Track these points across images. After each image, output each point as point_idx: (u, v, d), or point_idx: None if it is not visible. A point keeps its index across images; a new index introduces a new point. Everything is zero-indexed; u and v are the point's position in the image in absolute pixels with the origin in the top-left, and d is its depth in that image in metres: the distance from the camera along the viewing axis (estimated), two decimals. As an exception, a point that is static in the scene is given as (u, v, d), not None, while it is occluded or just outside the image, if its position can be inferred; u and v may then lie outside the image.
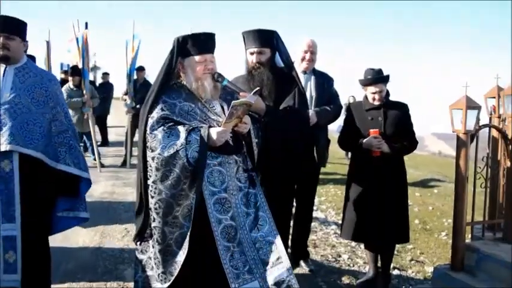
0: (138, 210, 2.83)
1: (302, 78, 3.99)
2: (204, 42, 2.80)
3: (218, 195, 2.70)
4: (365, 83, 3.83)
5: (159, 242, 2.70)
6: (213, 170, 2.72)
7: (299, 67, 4.11)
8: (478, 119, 3.60)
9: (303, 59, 4.14)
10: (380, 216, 3.71)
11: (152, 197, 2.69)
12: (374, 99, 3.79)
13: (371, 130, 3.73)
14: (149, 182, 2.70)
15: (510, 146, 3.83)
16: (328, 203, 7.38)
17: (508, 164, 3.85)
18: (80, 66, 8.48)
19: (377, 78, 3.76)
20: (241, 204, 2.76)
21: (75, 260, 4.33)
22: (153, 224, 2.72)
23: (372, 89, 3.78)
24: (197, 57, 2.76)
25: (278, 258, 2.68)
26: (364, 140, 3.71)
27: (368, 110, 3.84)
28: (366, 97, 3.89)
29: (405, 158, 3.98)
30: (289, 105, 3.26)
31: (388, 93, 3.90)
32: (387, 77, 3.81)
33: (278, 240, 2.73)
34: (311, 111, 3.87)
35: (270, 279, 2.63)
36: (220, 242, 2.65)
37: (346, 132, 3.99)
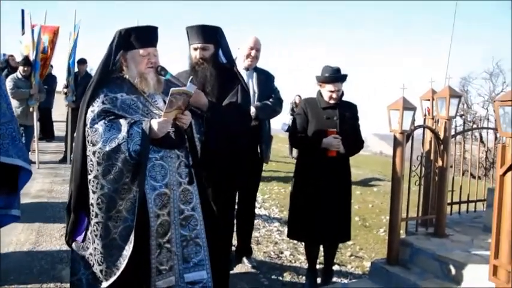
0: (73, 208, 2.75)
1: (244, 74, 4.04)
2: (147, 36, 2.76)
3: (159, 190, 2.69)
4: (323, 81, 3.76)
5: (103, 237, 2.64)
6: (154, 164, 2.70)
7: (243, 63, 4.15)
8: (413, 120, 3.78)
9: (247, 56, 4.18)
10: (328, 216, 3.75)
11: (94, 192, 2.62)
12: (331, 97, 3.74)
13: (329, 130, 3.70)
14: (90, 177, 2.62)
15: (442, 146, 4.05)
16: (272, 200, 7.48)
17: (440, 162, 4.07)
18: (32, 58, 8.08)
19: (336, 76, 3.72)
20: (179, 200, 2.78)
21: (8, 260, 4.08)
22: (94, 220, 2.65)
23: (330, 87, 3.71)
24: (140, 51, 2.73)
25: (201, 261, 2.80)
26: (324, 140, 3.65)
27: (324, 108, 3.78)
28: (320, 95, 3.83)
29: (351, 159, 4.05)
30: (232, 101, 3.28)
31: (343, 93, 3.87)
32: (345, 76, 3.77)
33: (205, 245, 2.84)
34: (251, 106, 3.90)
35: (188, 277, 2.74)
36: (154, 238, 2.66)
37: (298, 128, 3.87)
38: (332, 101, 3.76)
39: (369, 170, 12.24)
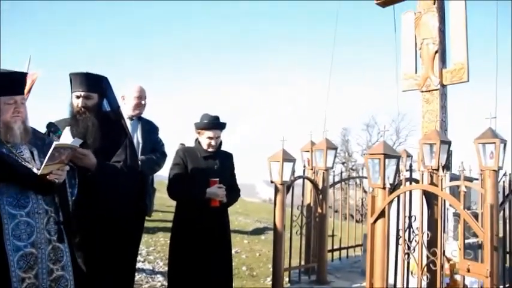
0: None
1: (129, 124, 3.89)
2: (13, 83, 2.54)
3: (24, 250, 2.42)
4: (202, 127, 3.69)
5: None
6: (19, 221, 2.42)
7: (128, 113, 4.01)
8: (293, 171, 3.92)
9: (133, 105, 4.05)
10: (209, 268, 3.63)
11: None
12: (209, 145, 3.67)
13: (212, 179, 3.61)
14: None
15: (321, 196, 4.24)
16: (157, 253, 7.16)
17: (319, 212, 4.24)
18: None
19: (215, 123, 3.70)
20: (48, 260, 2.52)
21: None
22: None
23: (209, 133, 3.64)
24: (4, 98, 2.50)
25: None
26: (209, 189, 3.57)
27: (204, 157, 3.70)
28: (199, 142, 3.75)
29: (236, 205, 4.03)
30: (121, 159, 3.12)
31: (221, 142, 3.83)
32: (224, 124, 3.80)
33: None
34: None
35: None
36: None
37: (177, 178, 3.70)
38: (211, 149, 3.67)
39: (257, 218, 12.38)
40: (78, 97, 3.13)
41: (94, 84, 3.15)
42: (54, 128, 2.60)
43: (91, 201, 2.82)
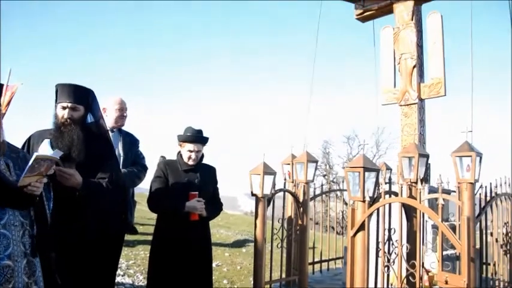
0: None
1: (111, 136, 3.87)
2: None
3: (1, 262, 2.37)
4: (184, 140, 3.68)
5: None
6: None
7: (110, 125, 3.99)
8: (274, 184, 3.93)
9: (116, 117, 4.03)
10: (189, 282, 3.60)
11: None
12: (190, 158, 3.65)
13: (191, 193, 3.59)
14: None
15: (301, 209, 4.25)
16: (137, 266, 7.05)
17: (300, 224, 4.25)
18: None
19: (197, 137, 3.66)
20: (23, 273, 2.47)
21: None
22: None
23: (190, 146, 3.63)
24: None
25: None
26: (188, 203, 3.54)
27: (185, 171, 3.67)
28: (181, 156, 3.73)
29: (218, 218, 4.00)
30: (106, 176, 3.09)
31: (203, 156, 3.83)
32: (207, 138, 3.73)
33: None
34: None
35: None
36: None
37: (158, 191, 3.67)
38: (191, 162, 3.65)
39: (238, 231, 12.33)
40: (64, 108, 3.08)
41: (81, 96, 3.12)
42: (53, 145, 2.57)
43: (74, 217, 2.79)
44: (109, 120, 4.01)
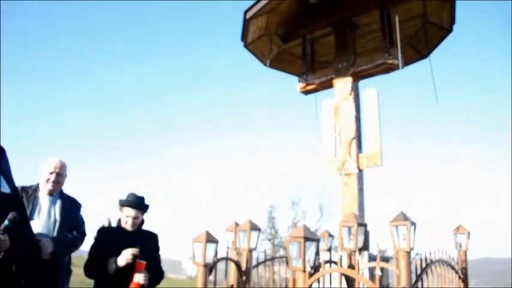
0: None
1: (47, 200, 3.71)
2: None
3: None
4: (123, 204, 3.62)
5: None
6: None
7: (43, 188, 3.85)
8: (216, 252, 3.90)
9: (47, 180, 3.89)
10: None
11: None
12: (126, 223, 3.61)
13: (138, 261, 3.43)
14: None
15: (244, 277, 4.22)
16: None
17: (242, 293, 4.20)
18: None
19: (137, 203, 3.62)
20: None
21: None
22: None
23: (128, 211, 3.58)
24: None
25: None
26: (137, 273, 3.37)
27: (125, 237, 3.59)
28: (120, 221, 3.66)
29: (162, 283, 3.86)
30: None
31: (143, 222, 3.74)
32: (147, 206, 3.72)
33: None
34: (46, 239, 3.53)
35: None
36: None
37: (95, 257, 3.55)
38: (128, 227, 3.58)
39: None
40: None
41: None
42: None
43: None
44: (42, 183, 3.88)
